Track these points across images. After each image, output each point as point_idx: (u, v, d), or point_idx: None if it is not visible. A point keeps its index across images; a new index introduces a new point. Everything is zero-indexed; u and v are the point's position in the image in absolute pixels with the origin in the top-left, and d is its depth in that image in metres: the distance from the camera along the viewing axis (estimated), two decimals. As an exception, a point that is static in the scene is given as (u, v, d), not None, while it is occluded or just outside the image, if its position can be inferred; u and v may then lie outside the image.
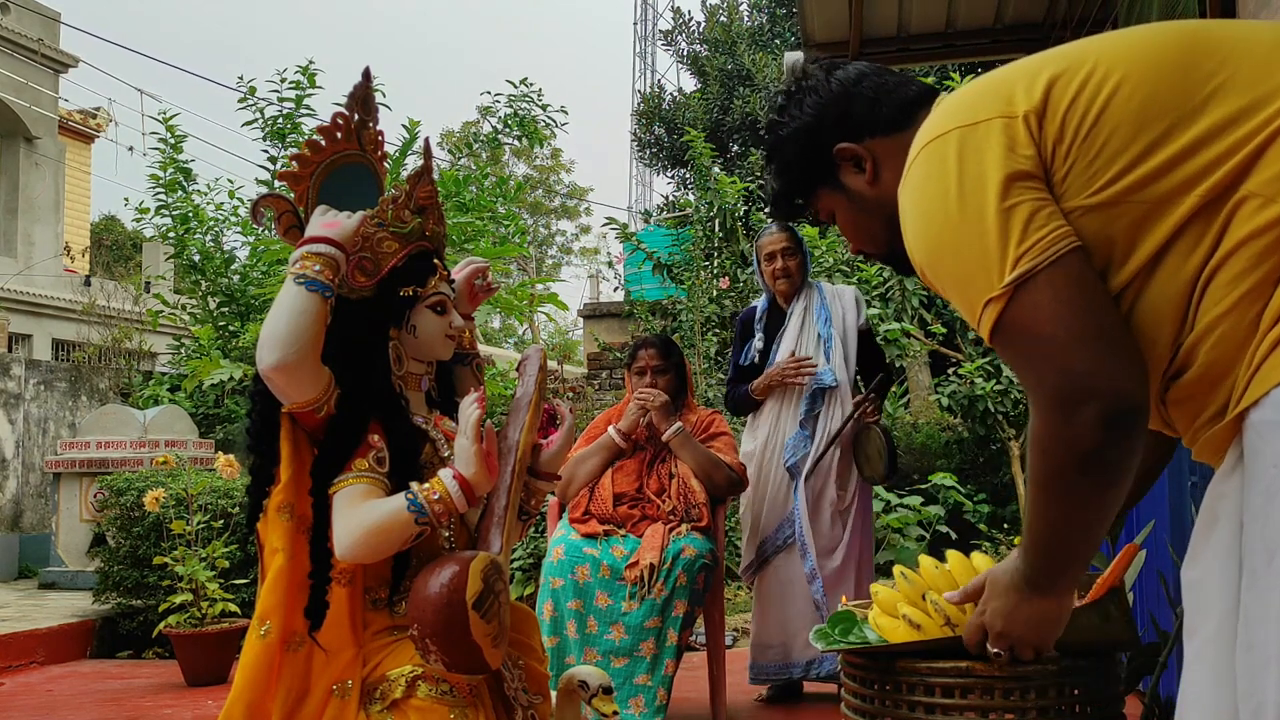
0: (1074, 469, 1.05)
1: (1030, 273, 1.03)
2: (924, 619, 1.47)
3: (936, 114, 1.19)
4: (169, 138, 7.97)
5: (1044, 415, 1.05)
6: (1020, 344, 1.05)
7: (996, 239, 1.04)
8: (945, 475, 7.42)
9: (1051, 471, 1.08)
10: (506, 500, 1.74)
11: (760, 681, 3.78)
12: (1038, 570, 1.23)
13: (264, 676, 1.61)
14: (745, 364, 3.93)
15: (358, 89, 1.81)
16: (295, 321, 1.59)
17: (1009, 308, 1.04)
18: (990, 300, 1.05)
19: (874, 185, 1.34)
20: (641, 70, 22.41)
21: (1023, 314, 1.03)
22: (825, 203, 1.41)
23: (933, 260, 1.13)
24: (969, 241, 1.06)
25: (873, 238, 1.39)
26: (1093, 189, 1.05)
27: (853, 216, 1.39)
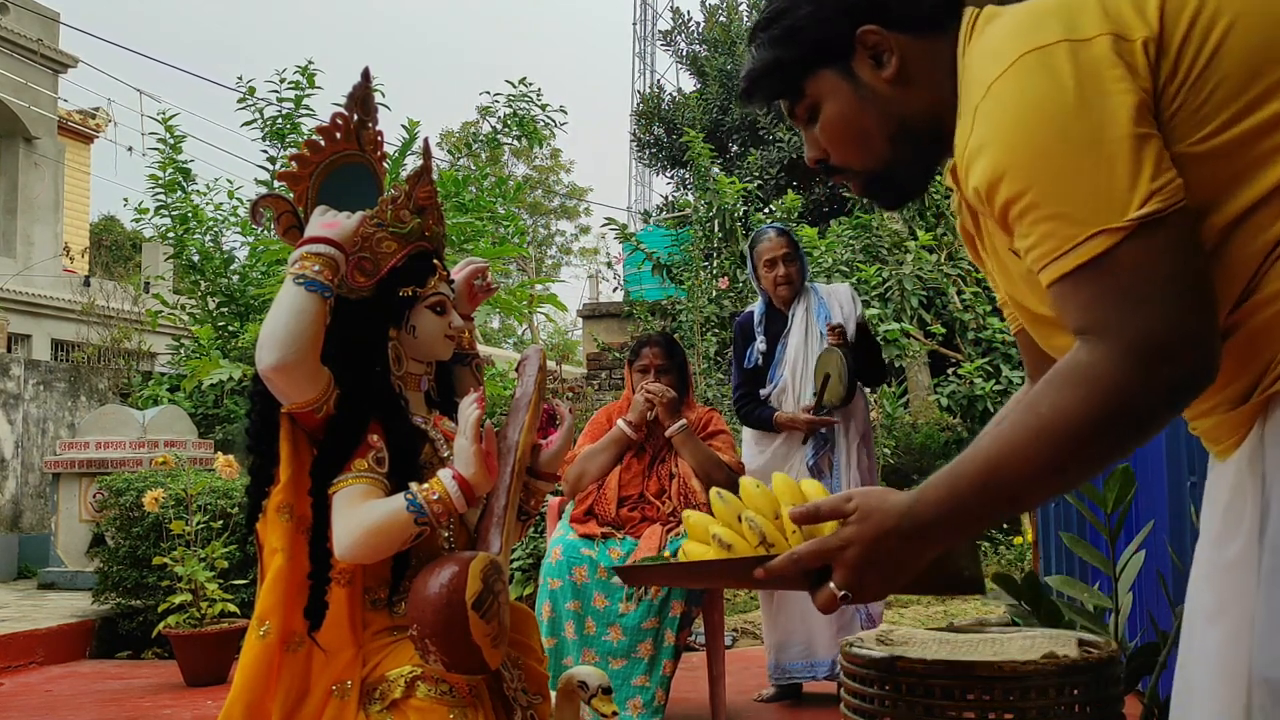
0: (1115, 426, 0.95)
1: (1160, 214, 0.93)
2: (736, 539, 1.27)
3: (1020, 22, 1.05)
4: (168, 138, 7.97)
5: (1117, 362, 0.94)
6: (1122, 283, 0.94)
7: (1127, 168, 0.94)
8: (945, 475, 7.39)
9: (1083, 420, 0.95)
10: (506, 500, 1.74)
11: (783, 681, 3.79)
12: (952, 520, 1.05)
13: (263, 677, 1.61)
14: (750, 367, 3.94)
15: (357, 89, 1.81)
16: (295, 322, 1.59)
17: (1125, 243, 0.93)
18: (1104, 231, 0.94)
19: (893, 85, 1.16)
20: (641, 70, 22.41)
21: (1139, 254, 0.93)
22: (819, 90, 1.20)
23: (1026, 174, 0.98)
24: (1089, 164, 0.95)
25: (866, 145, 1.20)
26: (1197, 136, 0.97)
27: (853, 113, 1.18)
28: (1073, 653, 1.65)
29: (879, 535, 1.08)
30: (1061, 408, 0.96)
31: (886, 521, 1.07)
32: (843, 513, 1.12)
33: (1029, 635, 1.88)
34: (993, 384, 7.46)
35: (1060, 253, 0.96)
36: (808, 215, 10.59)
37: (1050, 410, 0.97)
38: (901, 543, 1.07)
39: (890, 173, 1.22)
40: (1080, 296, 0.96)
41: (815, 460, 3.77)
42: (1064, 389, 0.97)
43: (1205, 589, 1.07)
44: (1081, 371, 0.96)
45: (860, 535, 1.09)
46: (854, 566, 1.09)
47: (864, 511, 1.09)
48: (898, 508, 1.07)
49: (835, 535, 1.11)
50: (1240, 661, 1.00)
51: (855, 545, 1.09)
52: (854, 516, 1.10)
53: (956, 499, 1.04)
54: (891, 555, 1.08)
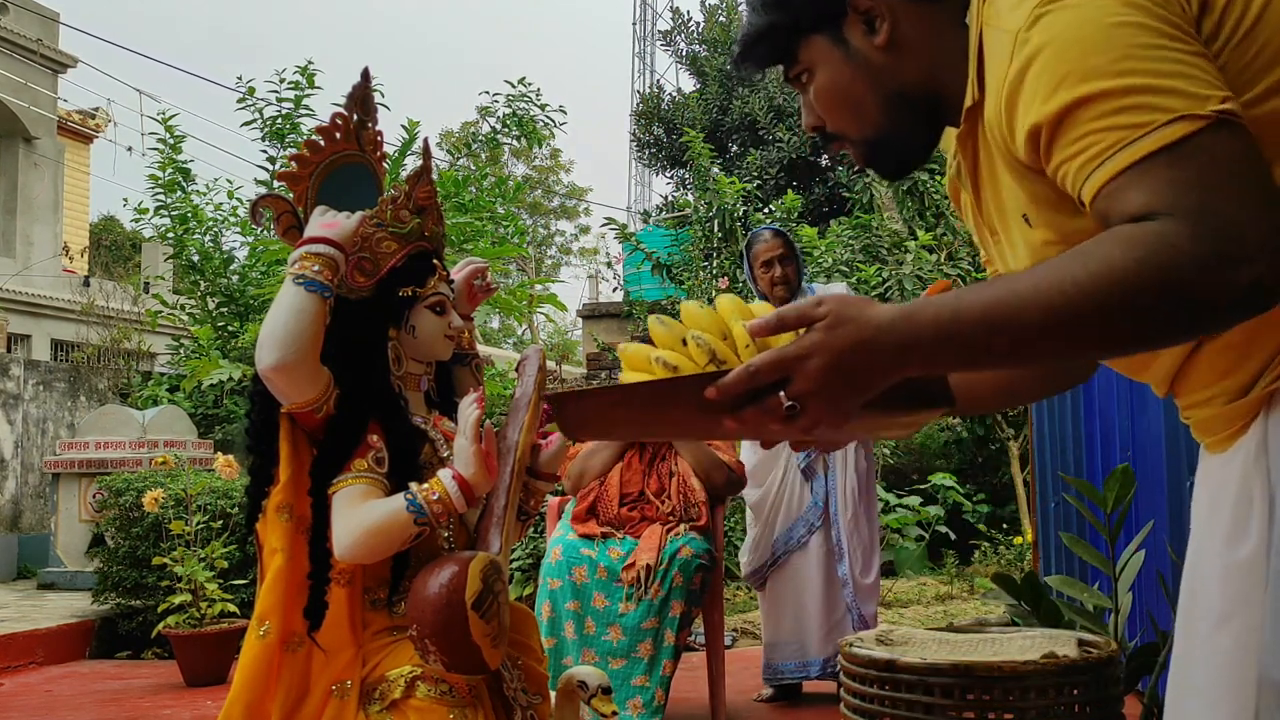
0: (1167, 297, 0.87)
1: (1235, 115, 0.88)
2: (682, 360, 1.10)
3: None
4: (168, 138, 7.97)
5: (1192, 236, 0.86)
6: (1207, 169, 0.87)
7: (1200, 69, 0.90)
8: (944, 475, 7.42)
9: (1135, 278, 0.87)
10: (506, 500, 1.74)
11: (775, 682, 3.79)
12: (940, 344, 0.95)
13: (263, 677, 1.61)
14: None
15: (356, 89, 1.81)
16: (294, 322, 1.60)
17: (1208, 132, 0.87)
18: (1186, 117, 0.87)
19: (886, 51, 1.13)
20: (640, 70, 22.42)
21: (1225, 145, 0.87)
22: (811, 55, 1.17)
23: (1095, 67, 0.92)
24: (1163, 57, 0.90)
25: (859, 112, 1.17)
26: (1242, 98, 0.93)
27: (844, 81, 1.15)
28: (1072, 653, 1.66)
29: (850, 346, 0.96)
30: (1116, 264, 0.87)
31: (862, 332, 0.95)
32: (811, 318, 0.99)
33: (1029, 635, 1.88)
34: (992, 384, 7.44)
35: (1130, 140, 0.89)
36: (807, 215, 10.59)
37: (1102, 264, 0.88)
38: (873, 358, 0.96)
39: (887, 141, 1.18)
40: (1153, 181, 0.88)
41: (807, 463, 3.77)
42: (1120, 247, 0.88)
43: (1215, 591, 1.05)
44: (1146, 236, 0.87)
45: (828, 344, 0.96)
46: (814, 377, 0.96)
47: (837, 318, 0.97)
48: (878, 319, 0.96)
49: (798, 342, 0.98)
50: (1249, 666, 0.99)
51: (820, 355, 0.96)
52: (824, 323, 0.97)
53: (955, 324, 0.93)
54: (859, 371, 0.97)
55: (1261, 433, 0.99)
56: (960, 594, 6.25)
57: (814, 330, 0.97)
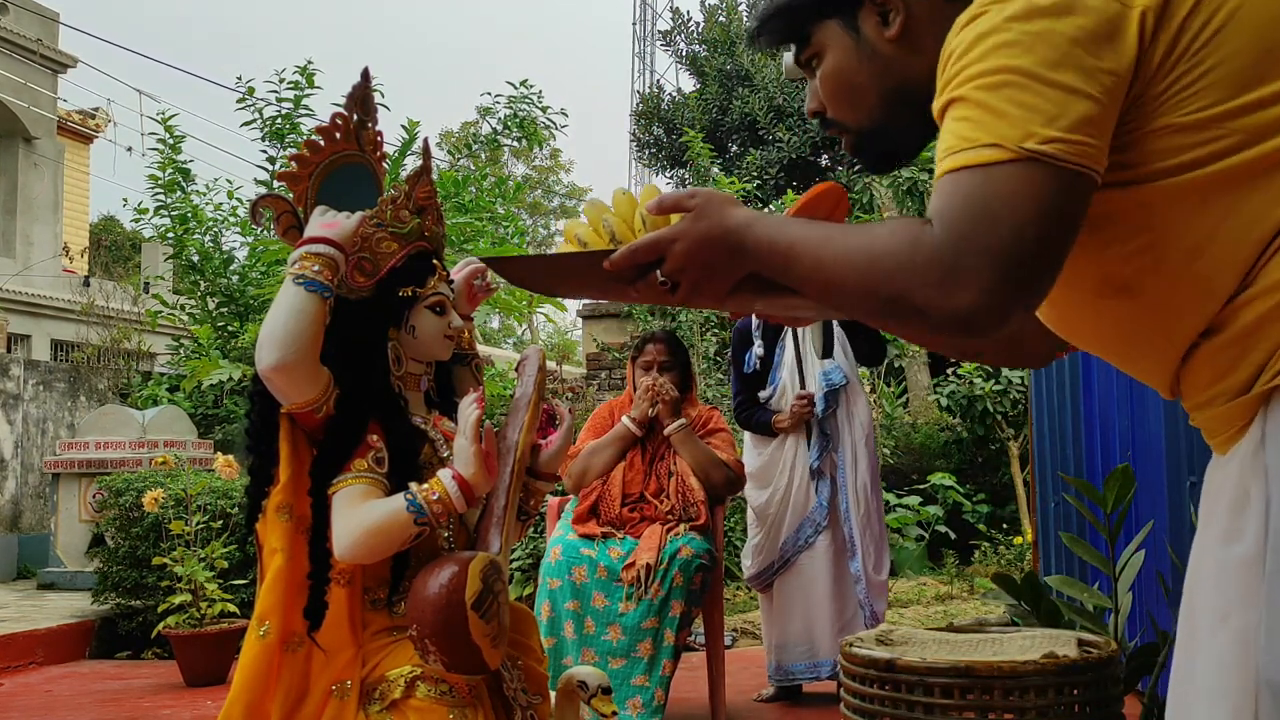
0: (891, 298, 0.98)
1: (1052, 159, 0.93)
2: (592, 237, 1.31)
3: None
4: (168, 138, 7.97)
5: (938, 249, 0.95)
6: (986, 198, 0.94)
7: (1050, 107, 0.94)
8: (944, 475, 7.42)
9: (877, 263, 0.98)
10: (505, 500, 1.74)
11: (785, 683, 3.79)
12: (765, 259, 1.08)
13: (263, 677, 1.61)
14: (749, 372, 3.94)
15: (356, 89, 1.81)
16: (294, 322, 1.60)
17: (1010, 165, 0.94)
18: (998, 145, 0.94)
19: (896, 44, 1.16)
20: (640, 70, 22.43)
21: (1019, 184, 0.94)
22: (824, 39, 1.20)
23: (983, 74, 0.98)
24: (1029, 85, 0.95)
25: (859, 102, 1.20)
26: (1192, 108, 0.96)
27: (850, 68, 1.19)
28: (1072, 652, 1.66)
29: (705, 238, 1.09)
30: (874, 239, 1.00)
31: (715, 230, 1.09)
32: (684, 206, 1.12)
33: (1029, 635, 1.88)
34: (992, 384, 7.45)
35: (957, 150, 0.97)
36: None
37: (869, 236, 1.00)
38: (722, 253, 1.09)
39: (880, 133, 1.22)
40: (948, 193, 0.97)
41: (819, 462, 3.77)
42: (889, 230, 1.00)
43: (1212, 590, 1.05)
44: (909, 231, 0.98)
45: (688, 233, 1.10)
46: (678, 259, 1.10)
47: (700, 211, 1.10)
48: (729, 221, 1.09)
49: (670, 228, 1.12)
50: (1248, 665, 0.99)
51: (684, 240, 1.10)
52: (690, 214, 1.11)
53: (776, 244, 1.07)
54: (712, 261, 1.10)
55: (1260, 430, 0.99)
56: (960, 594, 6.25)
57: (683, 219, 1.11)
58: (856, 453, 3.81)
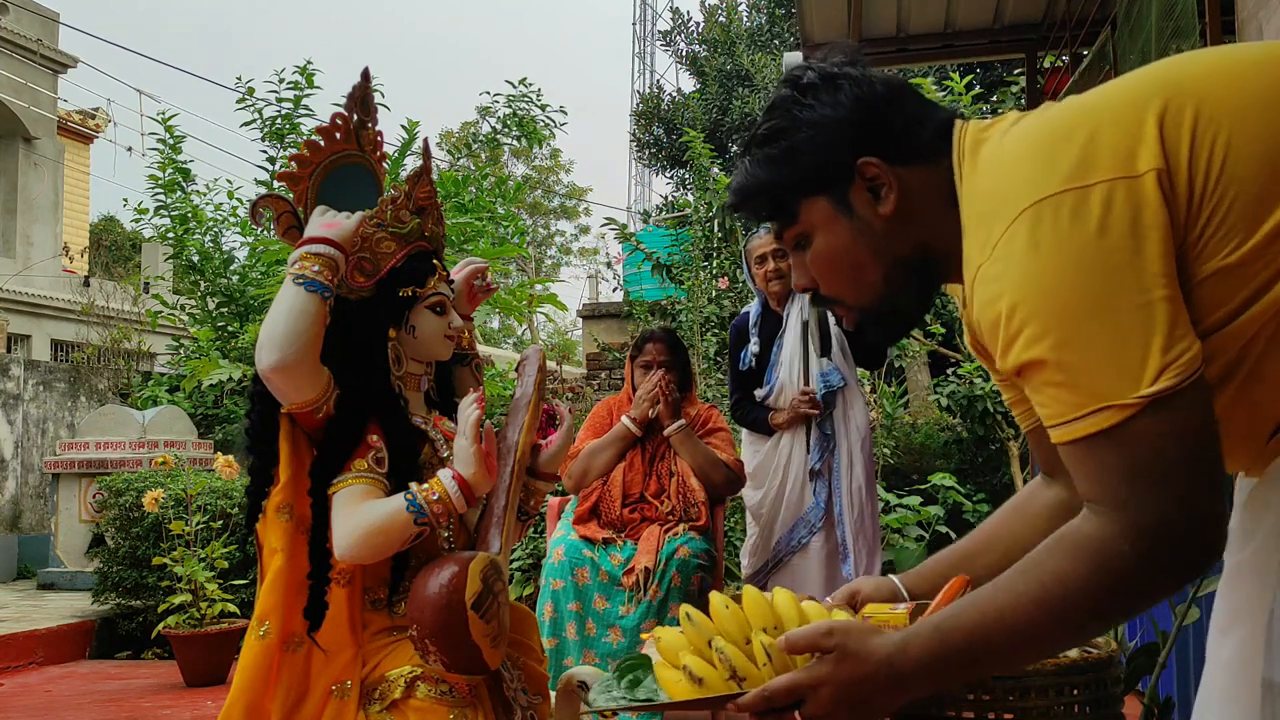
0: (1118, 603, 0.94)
1: (1172, 390, 0.90)
2: (707, 671, 1.21)
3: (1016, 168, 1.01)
4: (168, 138, 7.97)
5: (1126, 539, 0.92)
6: (1134, 460, 0.92)
7: (1142, 339, 0.91)
8: (944, 475, 7.42)
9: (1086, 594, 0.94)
10: (506, 500, 1.74)
11: None
12: (933, 675, 1.02)
13: (263, 677, 1.61)
14: (744, 369, 3.94)
15: (356, 89, 1.81)
16: (294, 322, 1.60)
17: (1137, 419, 0.91)
18: (1113, 406, 0.91)
19: (891, 219, 1.12)
20: (640, 70, 22.43)
21: (1151, 432, 0.91)
22: (812, 218, 1.16)
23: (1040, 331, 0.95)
24: (1104, 331, 0.92)
25: (859, 279, 1.16)
26: (1230, 247, 0.94)
27: (846, 245, 1.14)
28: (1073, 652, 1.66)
29: (855, 680, 1.04)
30: (1064, 579, 0.95)
31: (864, 668, 1.04)
32: (820, 648, 1.07)
33: (1029, 635, 1.88)
34: (992, 384, 7.45)
35: (1068, 419, 0.94)
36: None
37: (1053, 580, 0.96)
38: (877, 691, 1.04)
39: (884, 307, 1.18)
40: (1089, 466, 0.95)
41: (820, 464, 3.77)
42: (1069, 560, 0.95)
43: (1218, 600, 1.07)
44: (1088, 545, 0.94)
45: (835, 676, 1.04)
46: (825, 704, 1.05)
47: (842, 652, 1.05)
48: (877, 654, 1.03)
49: (809, 671, 1.06)
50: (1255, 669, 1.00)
51: (829, 686, 1.05)
52: (831, 656, 1.05)
53: (943, 655, 1.01)
54: (866, 701, 1.05)
55: None
56: (960, 594, 6.25)
57: (824, 660, 1.06)
58: (853, 456, 3.80)
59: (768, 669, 1.18)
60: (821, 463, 3.77)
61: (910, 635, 1.04)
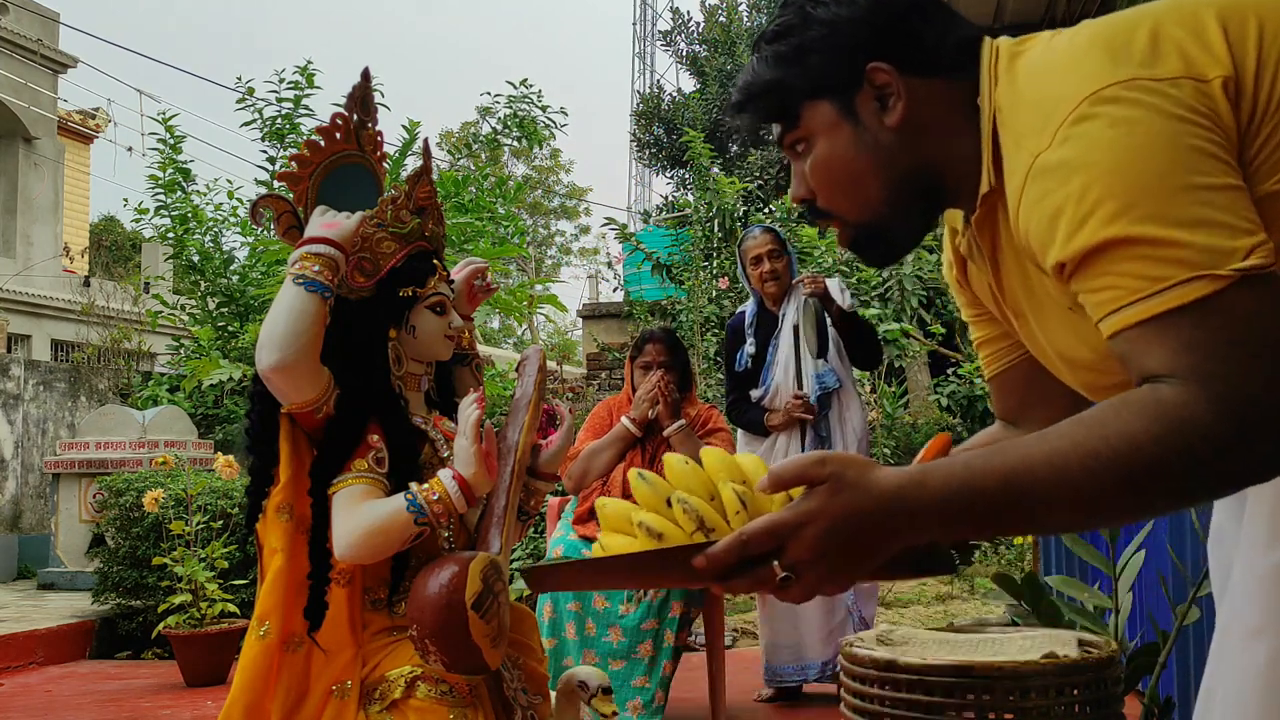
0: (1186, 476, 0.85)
1: (1263, 269, 0.85)
2: (667, 526, 1.04)
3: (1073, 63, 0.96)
4: (168, 138, 7.97)
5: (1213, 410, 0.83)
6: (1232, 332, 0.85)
7: (1228, 216, 0.86)
8: (944, 475, 7.40)
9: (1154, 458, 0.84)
10: (506, 500, 1.74)
11: (775, 683, 3.79)
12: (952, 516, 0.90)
13: (263, 677, 1.61)
14: (740, 370, 3.94)
15: (356, 89, 1.81)
16: (294, 322, 1.60)
17: (1233, 290, 0.84)
18: (1208, 276, 0.84)
19: (897, 131, 1.07)
20: (640, 70, 22.43)
21: (1251, 305, 0.84)
22: (815, 122, 1.10)
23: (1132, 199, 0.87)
24: (1188, 205, 0.86)
25: (859, 190, 1.10)
26: None
27: (848, 155, 1.08)
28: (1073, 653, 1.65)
29: (852, 513, 0.90)
30: (1134, 438, 0.85)
31: (865, 501, 0.90)
32: (811, 479, 0.93)
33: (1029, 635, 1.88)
34: (992, 384, 7.44)
35: (1150, 293, 0.86)
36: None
37: (1120, 438, 0.85)
38: (877, 528, 0.91)
39: (882, 226, 1.12)
40: (1169, 343, 0.86)
41: None
42: (1141, 420, 0.85)
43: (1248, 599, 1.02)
44: (1167, 409, 0.85)
45: (827, 510, 0.90)
46: (810, 546, 0.91)
47: (838, 483, 0.91)
48: (882, 486, 0.91)
49: (794, 508, 0.92)
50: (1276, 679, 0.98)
51: (819, 522, 0.91)
52: (825, 487, 0.91)
53: (969, 494, 0.89)
54: (860, 540, 0.91)
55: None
56: (960, 594, 6.25)
57: (813, 494, 0.92)
58: None
59: (741, 518, 1.03)
60: None
61: (930, 468, 0.92)
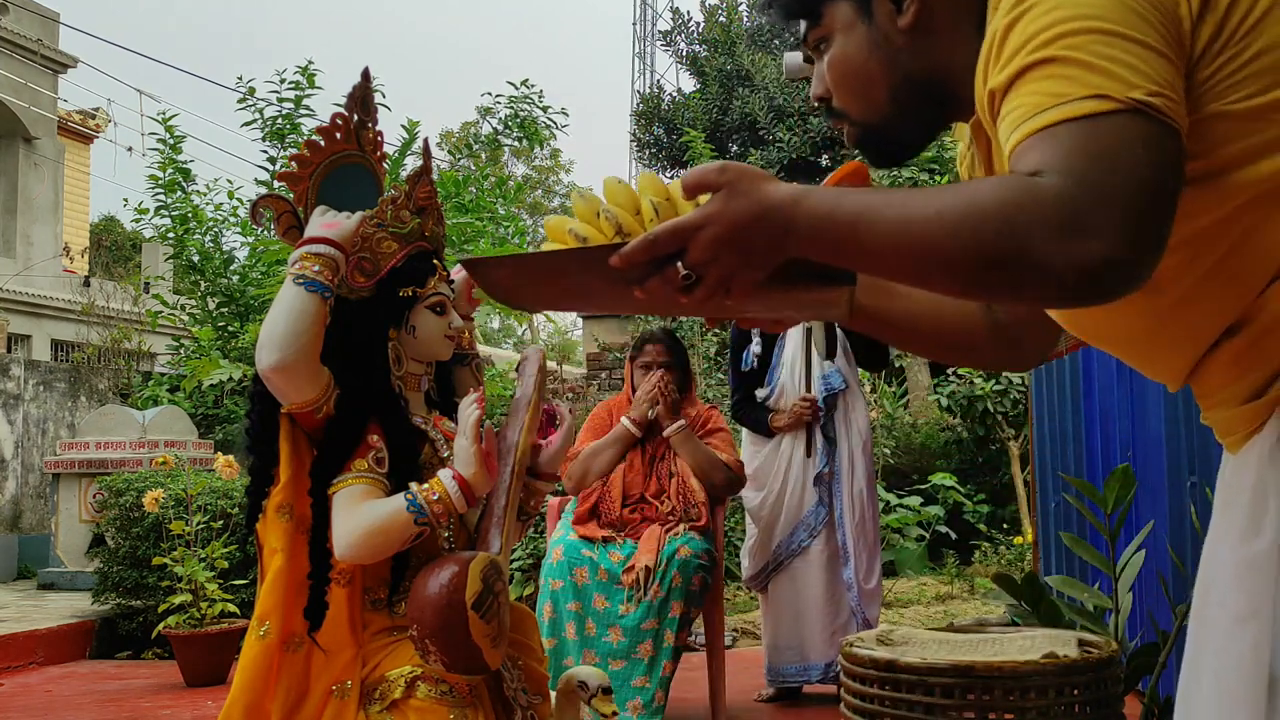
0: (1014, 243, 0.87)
1: (1161, 113, 0.87)
2: (591, 232, 1.14)
3: None
4: (168, 138, 7.97)
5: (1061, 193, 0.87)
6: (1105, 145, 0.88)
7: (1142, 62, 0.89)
8: (945, 475, 7.42)
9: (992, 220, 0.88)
10: (506, 500, 1.74)
11: (777, 684, 3.79)
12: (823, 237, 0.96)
13: (263, 677, 1.61)
14: (746, 370, 3.94)
15: (356, 89, 1.81)
16: (294, 322, 1.60)
17: (1121, 114, 0.88)
18: (1105, 96, 0.88)
19: (908, 34, 1.11)
20: (641, 70, 22.43)
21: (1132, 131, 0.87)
22: (834, 20, 1.14)
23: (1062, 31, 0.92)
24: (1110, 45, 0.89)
25: (866, 92, 1.14)
26: (1239, 95, 0.93)
27: (860, 56, 1.13)
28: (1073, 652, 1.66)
29: (743, 219, 0.97)
30: (977, 195, 0.90)
31: (755, 208, 0.97)
32: (710, 185, 0.99)
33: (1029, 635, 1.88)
34: (993, 384, 7.46)
35: (1049, 106, 0.89)
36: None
37: (968, 194, 0.90)
38: (764, 236, 0.97)
39: (886, 128, 1.16)
40: (1053, 145, 0.89)
41: (825, 468, 3.76)
42: (991, 185, 0.90)
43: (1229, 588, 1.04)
44: (1018, 182, 0.88)
45: (723, 214, 0.97)
46: (707, 247, 0.98)
47: (733, 189, 0.98)
48: (773, 197, 0.97)
49: (696, 211, 0.99)
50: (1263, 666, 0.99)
51: (714, 225, 0.97)
52: (721, 193, 0.98)
53: (833, 216, 0.95)
54: (750, 244, 0.98)
55: (1276, 432, 0.99)
56: (961, 594, 6.25)
57: (712, 200, 0.98)
58: (854, 459, 3.80)
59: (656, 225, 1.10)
60: (825, 466, 3.77)
61: (811, 189, 0.98)
